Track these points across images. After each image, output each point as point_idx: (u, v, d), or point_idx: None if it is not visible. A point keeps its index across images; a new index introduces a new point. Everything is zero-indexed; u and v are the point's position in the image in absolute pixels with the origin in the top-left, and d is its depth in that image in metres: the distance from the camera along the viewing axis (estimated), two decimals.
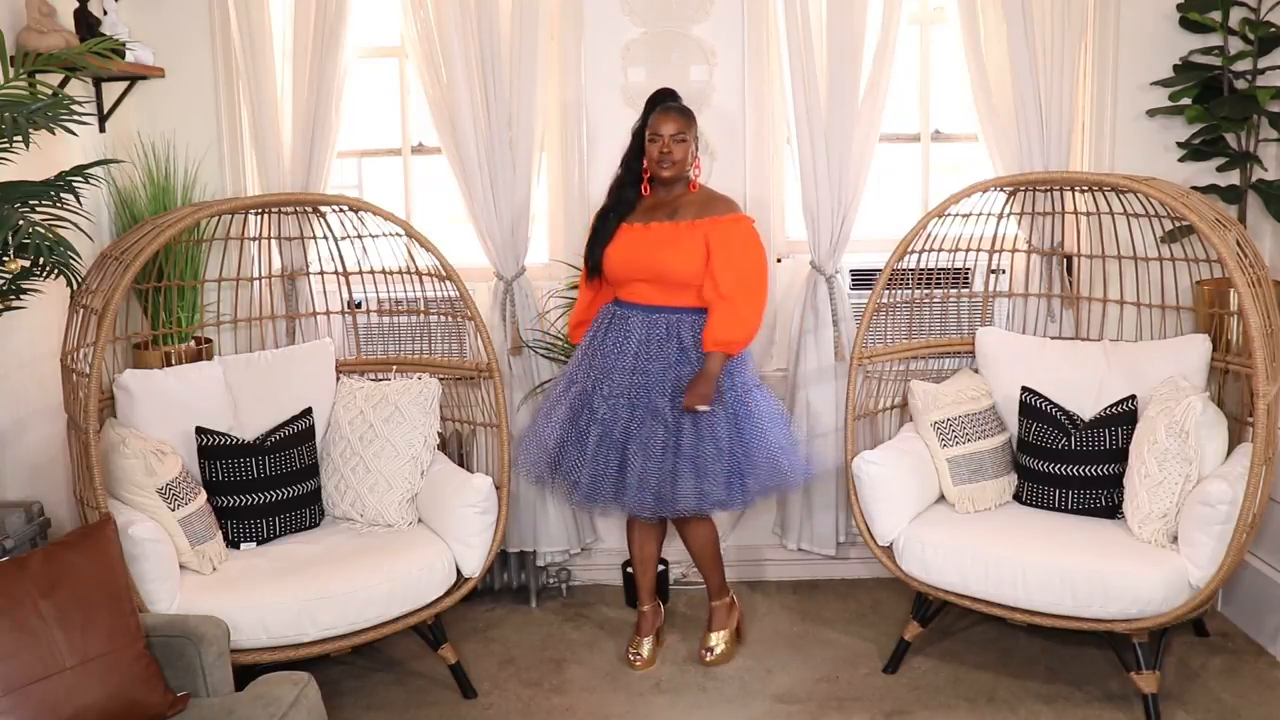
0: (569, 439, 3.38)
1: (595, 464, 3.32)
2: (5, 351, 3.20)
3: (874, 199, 3.96)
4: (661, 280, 3.34)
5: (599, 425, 3.33)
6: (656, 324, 3.35)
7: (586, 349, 3.45)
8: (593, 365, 3.40)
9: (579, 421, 3.38)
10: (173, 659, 2.51)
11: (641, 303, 3.37)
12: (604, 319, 3.45)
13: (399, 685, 3.45)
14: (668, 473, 3.26)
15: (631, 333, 3.35)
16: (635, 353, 3.33)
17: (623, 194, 3.45)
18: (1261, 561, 3.58)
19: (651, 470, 3.27)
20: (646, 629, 3.59)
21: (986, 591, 3.18)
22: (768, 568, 4.14)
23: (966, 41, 3.79)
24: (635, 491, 3.28)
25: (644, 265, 3.34)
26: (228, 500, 3.33)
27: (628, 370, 3.32)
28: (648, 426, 3.29)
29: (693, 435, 3.28)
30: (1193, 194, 3.39)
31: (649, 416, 3.29)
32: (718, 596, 3.59)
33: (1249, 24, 3.66)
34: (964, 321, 3.97)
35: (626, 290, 3.41)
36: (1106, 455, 3.38)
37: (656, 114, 3.37)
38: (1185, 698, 3.23)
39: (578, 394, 3.40)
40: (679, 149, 3.33)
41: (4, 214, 2.52)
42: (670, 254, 3.31)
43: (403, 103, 4.11)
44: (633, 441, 3.29)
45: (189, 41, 3.85)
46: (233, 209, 3.48)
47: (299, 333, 3.90)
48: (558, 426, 3.40)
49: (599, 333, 3.43)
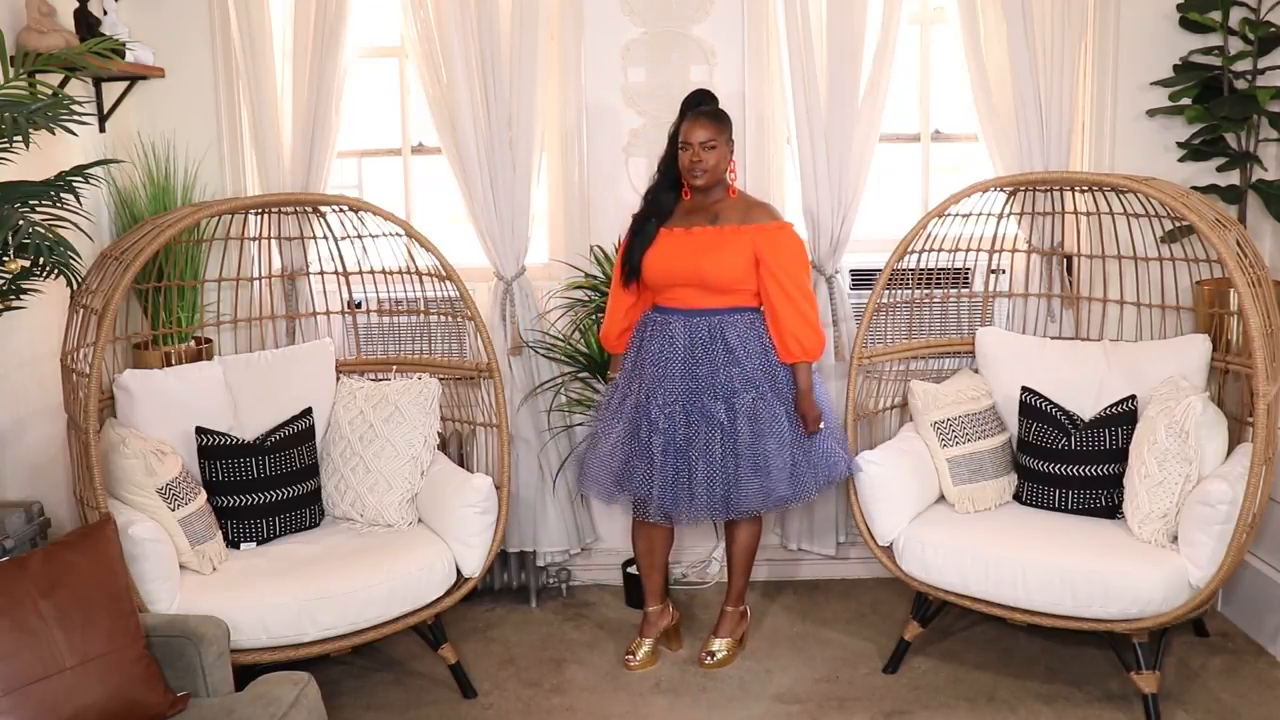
0: (634, 454, 3.35)
1: (664, 474, 3.30)
2: (5, 351, 3.20)
3: (874, 199, 3.96)
4: (705, 285, 3.32)
5: (661, 435, 3.31)
6: (699, 327, 3.33)
7: (635, 360, 3.42)
8: (643, 375, 3.37)
9: (640, 434, 3.35)
10: (173, 659, 2.51)
11: (682, 307, 3.35)
12: (644, 327, 3.43)
13: (399, 685, 3.45)
14: (731, 475, 3.28)
15: (675, 338, 3.34)
16: (683, 359, 3.32)
17: (660, 198, 3.41)
18: (1261, 561, 3.59)
19: (716, 474, 3.28)
20: (650, 630, 3.58)
21: (986, 591, 3.18)
22: (768, 568, 4.13)
23: (966, 41, 3.79)
24: (705, 497, 3.29)
25: (687, 270, 3.32)
26: (228, 500, 3.33)
27: (678, 376, 3.32)
28: (704, 433, 3.29)
29: (750, 435, 3.29)
30: (1193, 194, 3.39)
31: (704, 421, 3.29)
32: (736, 602, 3.57)
33: (1249, 24, 3.66)
34: (964, 321, 3.97)
35: (666, 296, 3.38)
36: (1106, 455, 3.38)
37: (687, 121, 3.32)
38: (1185, 698, 3.23)
39: (633, 406, 3.38)
40: (710, 156, 3.30)
41: (4, 214, 2.52)
42: (715, 259, 3.29)
43: (403, 103, 4.11)
44: (694, 447, 3.29)
45: (189, 41, 3.85)
46: (233, 209, 3.48)
47: (299, 333, 3.90)
48: (620, 443, 3.38)
49: (642, 342, 3.41)
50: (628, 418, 3.39)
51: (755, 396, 3.31)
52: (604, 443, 3.44)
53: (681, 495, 3.31)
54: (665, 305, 3.40)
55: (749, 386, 3.31)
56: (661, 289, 3.39)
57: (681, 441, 3.30)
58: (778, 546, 4.11)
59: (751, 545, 3.54)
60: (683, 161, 3.32)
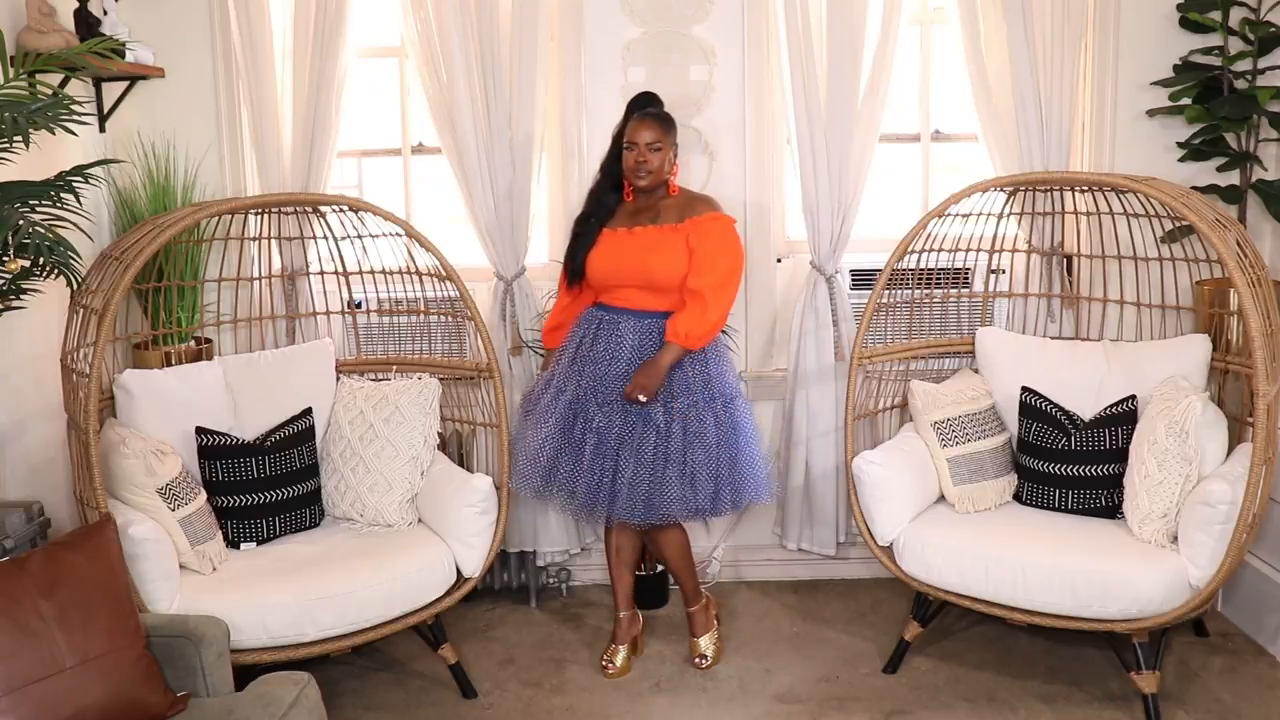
0: (563, 449, 3.34)
1: (591, 473, 3.29)
2: (5, 351, 3.20)
3: (874, 199, 3.96)
4: (651, 285, 3.31)
5: (595, 434, 3.29)
6: (650, 330, 3.31)
7: (574, 357, 3.39)
8: (583, 373, 3.35)
9: (573, 431, 3.33)
10: (173, 659, 2.50)
11: (633, 308, 3.34)
12: (589, 325, 3.39)
13: (399, 685, 3.45)
14: (658, 479, 3.25)
15: (624, 339, 3.31)
16: (629, 359, 3.30)
17: (603, 199, 3.42)
18: (1261, 561, 3.59)
19: (643, 477, 3.25)
20: (622, 636, 3.55)
21: (986, 591, 3.18)
22: (768, 568, 4.14)
23: (966, 42, 3.79)
24: (626, 498, 3.26)
25: (632, 270, 3.31)
26: (228, 500, 3.33)
27: (621, 376, 3.29)
28: (639, 432, 3.27)
29: (681, 441, 3.26)
30: (1193, 194, 3.39)
31: (641, 422, 3.27)
32: (694, 601, 3.57)
33: (1249, 24, 3.66)
34: (964, 321, 3.97)
35: (613, 296, 3.37)
36: (1106, 455, 3.38)
37: (633, 122, 3.33)
38: (1185, 698, 3.23)
39: (568, 404, 3.35)
40: (655, 158, 3.30)
41: (4, 214, 2.52)
42: (657, 258, 3.28)
43: (403, 103, 4.11)
44: (625, 448, 3.27)
45: (189, 41, 3.85)
46: (233, 209, 3.48)
47: (299, 333, 3.90)
48: (550, 438, 3.36)
49: (586, 339, 3.37)
50: (560, 414, 3.35)
51: (689, 404, 3.28)
52: (534, 438, 3.39)
53: (603, 495, 3.28)
54: (613, 305, 3.37)
55: (687, 392, 3.29)
56: (606, 289, 3.38)
57: (614, 441, 3.28)
58: (778, 546, 4.11)
59: (680, 549, 3.49)
60: (627, 162, 3.33)
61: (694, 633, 3.57)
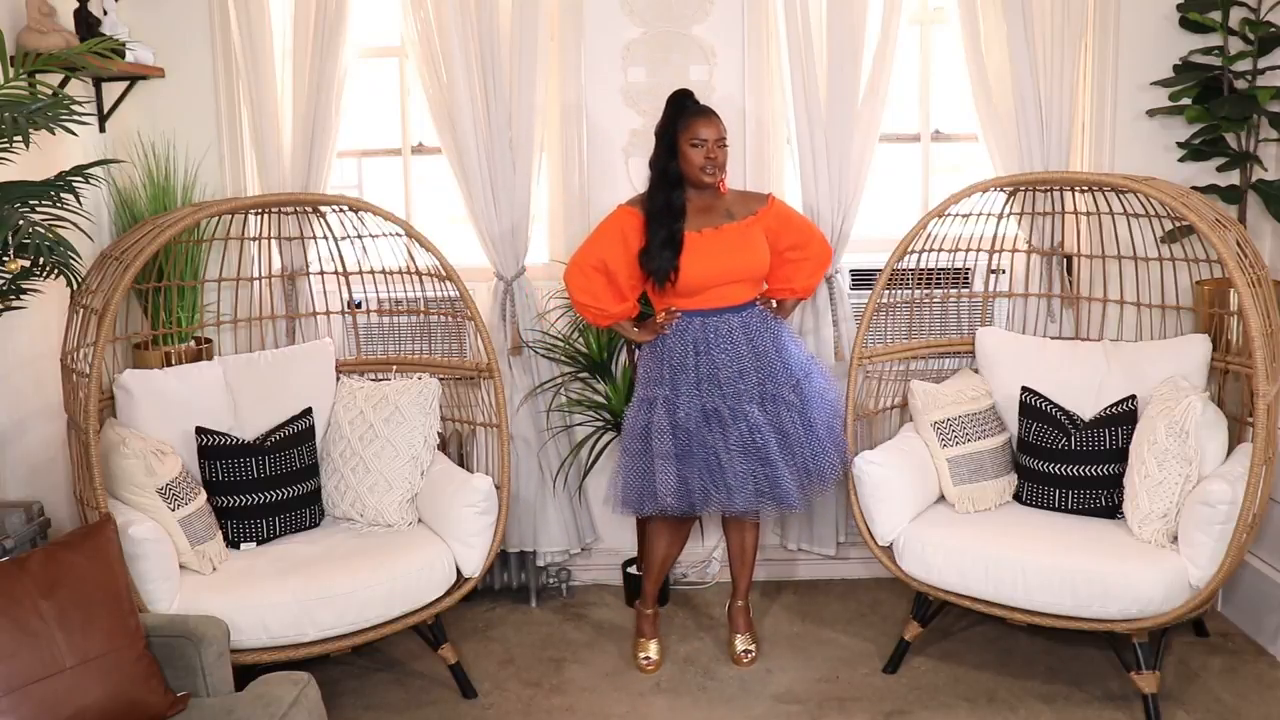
0: (703, 466, 3.27)
1: (743, 468, 3.29)
2: (5, 351, 3.20)
3: (874, 199, 3.96)
4: (745, 279, 3.37)
5: (758, 431, 3.29)
6: (750, 318, 3.39)
7: (691, 371, 3.31)
8: (711, 384, 3.31)
9: (713, 439, 3.28)
10: (173, 659, 2.51)
11: (734, 304, 3.37)
12: (693, 335, 3.32)
13: (399, 685, 3.45)
14: (810, 448, 3.35)
15: (736, 334, 3.34)
16: (747, 352, 3.34)
17: (672, 200, 3.33)
18: (1261, 561, 3.59)
19: (797, 450, 3.34)
20: (652, 631, 3.57)
21: (987, 591, 3.18)
22: (768, 568, 4.13)
23: (966, 41, 3.79)
24: (787, 484, 3.30)
25: (736, 267, 3.34)
26: (228, 500, 3.33)
27: (750, 371, 3.33)
28: (785, 418, 3.34)
29: (816, 410, 3.39)
30: (1193, 194, 3.39)
31: (784, 409, 3.35)
32: (747, 596, 3.61)
33: (1249, 24, 3.66)
34: (964, 321, 3.97)
35: (708, 297, 3.34)
36: (1106, 455, 3.38)
37: (696, 119, 3.31)
38: (1185, 698, 3.23)
39: (699, 417, 3.29)
40: (722, 154, 3.33)
41: (4, 214, 2.52)
42: (755, 254, 3.37)
43: (403, 103, 4.11)
44: (775, 433, 3.32)
45: (189, 41, 3.85)
46: (233, 209, 3.48)
47: (299, 333, 3.90)
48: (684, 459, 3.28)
49: (699, 350, 3.32)
50: (690, 430, 3.28)
51: (806, 375, 3.42)
52: (703, 469, 3.28)
53: (765, 490, 3.29)
54: (710, 306, 3.34)
55: (802, 366, 3.43)
56: (702, 290, 3.34)
57: (773, 433, 3.30)
58: (778, 546, 4.11)
59: (756, 541, 3.59)
60: (695, 159, 3.30)
61: (738, 629, 3.57)
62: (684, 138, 3.31)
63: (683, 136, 3.31)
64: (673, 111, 3.36)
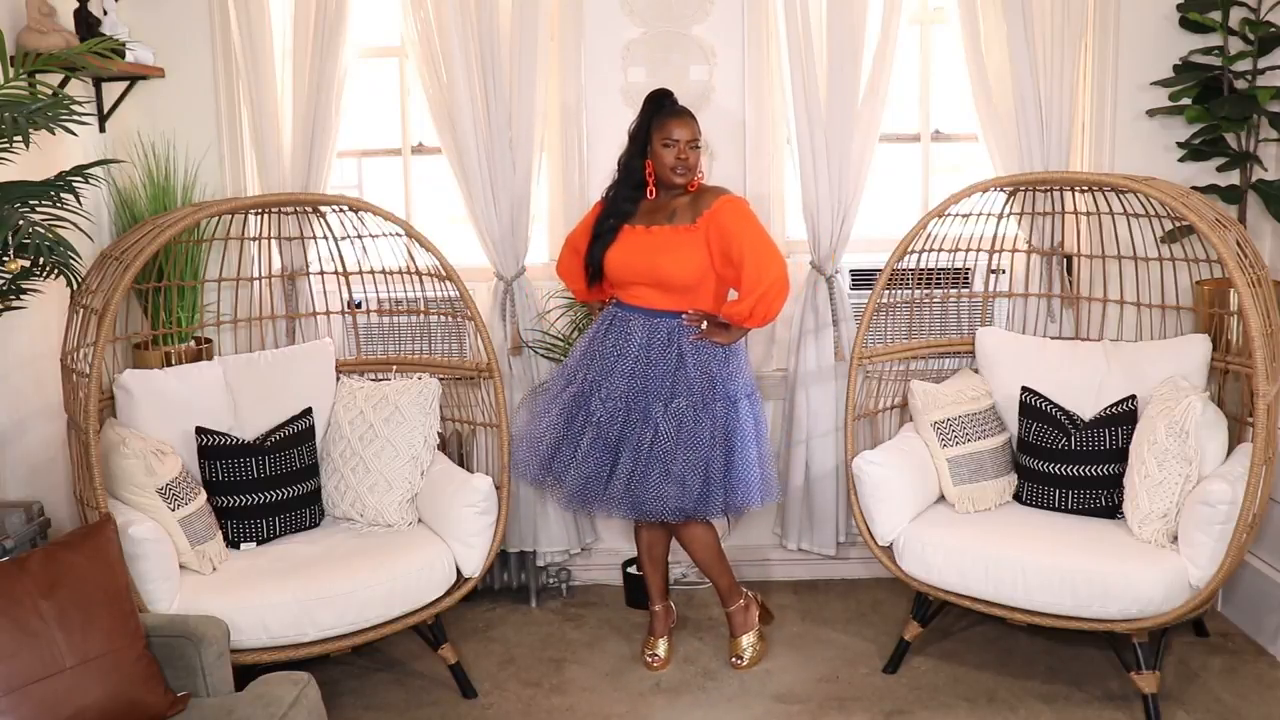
0: (563, 439, 3.37)
1: (585, 465, 3.31)
2: (5, 351, 3.20)
3: (874, 199, 3.96)
4: (661, 284, 3.31)
5: (594, 427, 3.32)
6: (658, 329, 3.31)
7: (587, 350, 3.42)
8: (591, 366, 3.38)
9: (574, 423, 3.37)
10: (173, 659, 2.50)
11: (643, 306, 3.34)
12: (604, 320, 3.43)
13: (399, 685, 3.45)
14: (644, 477, 3.25)
15: (632, 336, 3.33)
16: (635, 356, 3.31)
17: (621, 198, 3.39)
18: (1261, 561, 3.59)
19: (637, 473, 3.26)
20: (660, 629, 3.57)
21: (987, 591, 3.18)
22: (768, 568, 4.14)
23: (966, 41, 3.79)
24: (621, 492, 3.28)
25: (644, 269, 3.32)
26: (228, 500, 3.33)
27: (627, 374, 3.31)
28: (638, 430, 3.28)
29: (673, 442, 3.25)
30: (1193, 194, 3.39)
31: (640, 420, 3.28)
32: (731, 601, 3.53)
33: (1249, 24, 3.66)
34: (964, 321, 3.97)
35: (628, 293, 3.39)
36: (1106, 455, 3.38)
37: (671, 119, 3.30)
38: (1185, 698, 3.23)
39: (573, 395, 3.39)
40: (694, 155, 3.31)
41: (4, 214, 2.52)
42: (669, 259, 3.28)
43: (403, 103, 4.11)
44: (624, 444, 3.29)
45: (189, 41, 3.85)
46: (233, 209, 3.48)
47: (299, 333, 3.90)
48: (552, 427, 3.39)
49: (599, 333, 3.41)
50: (565, 405, 3.39)
51: (688, 404, 3.27)
52: (536, 425, 3.44)
53: (594, 488, 3.31)
54: (627, 302, 3.39)
55: (687, 393, 3.28)
56: (623, 285, 3.39)
57: (614, 438, 3.30)
58: (778, 546, 4.11)
59: (703, 547, 3.45)
60: (666, 159, 3.30)
61: (733, 633, 3.55)
62: (657, 136, 3.31)
63: (656, 135, 3.31)
64: (649, 109, 3.36)
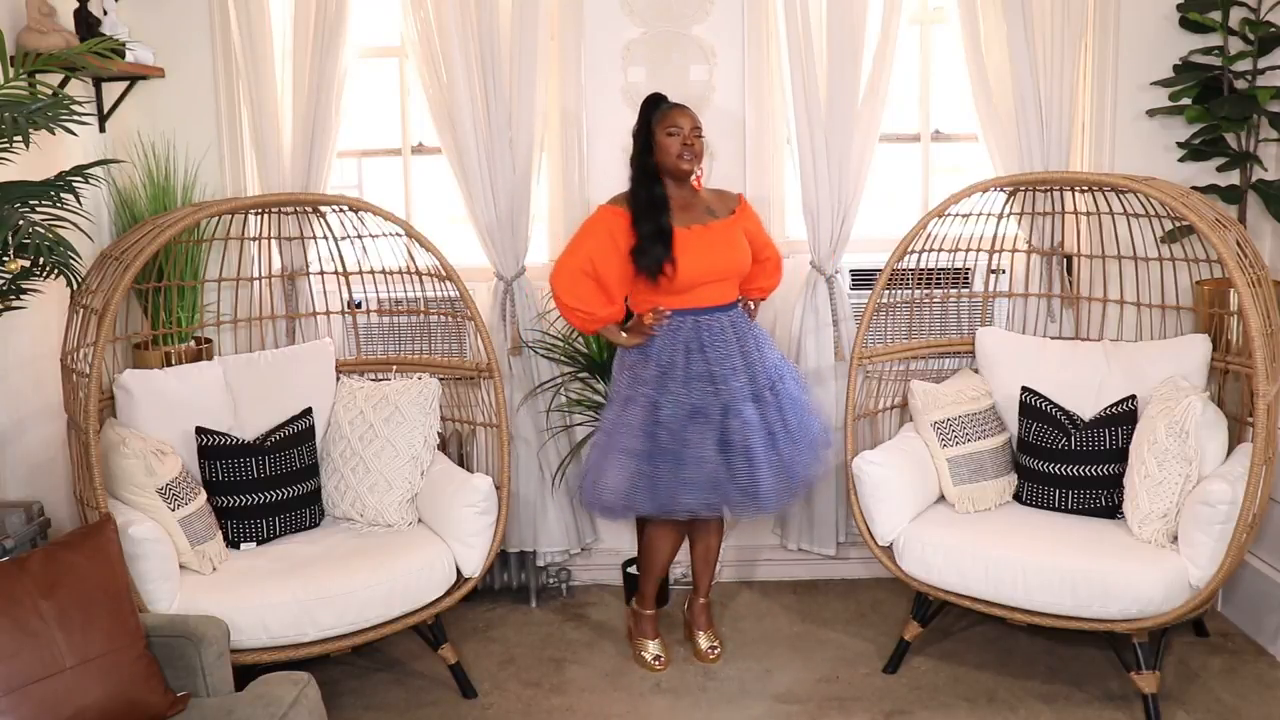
0: (728, 462, 3.27)
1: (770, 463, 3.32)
2: (5, 351, 3.20)
3: (874, 199, 3.96)
4: (733, 277, 3.40)
5: (752, 431, 3.28)
6: (738, 317, 3.42)
7: (683, 370, 3.28)
8: (703, 383, 3.29)
9: (733, 440, 3.27)
10: (173, 659, 2.50)
11: (723, 303, 3.38)
12: (683, 335, 3.30)
13: (399, 685, 3.45)
14: (791, 458, 3.36)
15: (727, 333, 3.35)
16: (738, 348, 3.36)
17: (655, 194, 3.31)
18: (1261, 561, 3.59)
19: (786, 459, 3.35)
20: (655, 631, 3.59)
21: (987, 591, 3.18)
22: (768, 568, 4.14)
23: (966, 41, 3.79)
24: (767, 485, 3.29)
25: (722, 265, 3.35)
26: (228, 500, 3.33)
27: (742, 370, 3.34)
28: (773, 418, 3.36)
29: (799, 418, 3.42)
30: (1193, 194, 3.39)
31: (773, 408, 3.37)
32: (707, 594, 3.64)
33: (1249, 24, 3.66)
34: (964, 321, 3.97)
35: (699, 295, 3.32)
36: (1106, 455, 3.38)
37: (672, 110, 3.34)
38: (1185, 698, 3.23)
39: (704, 417, 3.27)
40: (699, 143, 3.36)
41: (4, 214, 2.52)
42: (740, 252, 3.40)
43: (403, 103, 4.11)
44: (764, 433, 3.32)
45: (189, 41, 3.85)
46: (233, 209, 3.48)
47: (299, 333, 3.90)
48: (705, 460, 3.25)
49: (690, 350, 3.29)
50: (673, 431, 3.25)
51: (778, 381, 3.42)
52: (685, 469, 3.24)
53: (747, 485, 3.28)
54: (700, 305, 3.32)
55: (778, 372, 3.43)
56: (694, 287, 3.32)
57: (757, 430, 3.30)
58: (778, 546, 4.11)
59: (719, 544, 3.62)
60: (672, 148, 3.31)
61: (701, 627, 3.60)
62: (660, 128, 3.32)
63: (659, 127, 3.33)
64: (647, 108, 3.39)
